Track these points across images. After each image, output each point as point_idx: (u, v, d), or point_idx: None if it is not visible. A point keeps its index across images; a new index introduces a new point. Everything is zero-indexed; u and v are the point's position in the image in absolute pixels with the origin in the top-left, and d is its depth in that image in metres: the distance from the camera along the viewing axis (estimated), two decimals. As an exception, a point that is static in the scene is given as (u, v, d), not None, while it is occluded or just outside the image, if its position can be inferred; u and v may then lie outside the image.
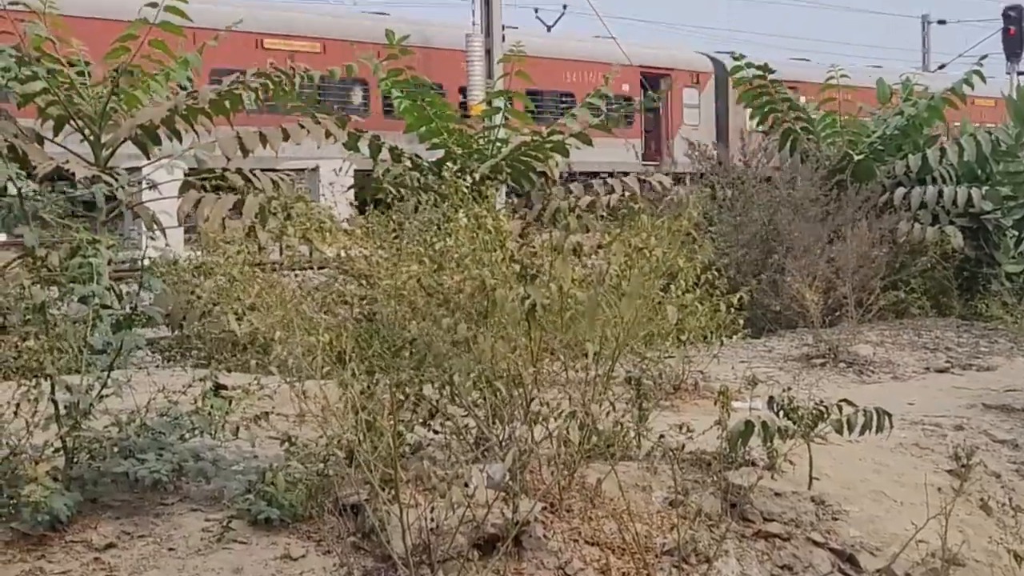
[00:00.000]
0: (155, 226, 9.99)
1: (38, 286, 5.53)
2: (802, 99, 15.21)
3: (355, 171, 13.23)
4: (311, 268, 8.11)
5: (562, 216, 12.03)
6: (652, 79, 30.26)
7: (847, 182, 13.64)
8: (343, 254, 7.22)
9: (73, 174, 9.54)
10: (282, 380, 5.57)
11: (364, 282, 6.83)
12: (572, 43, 30.69)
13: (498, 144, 13.33)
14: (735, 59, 14.69)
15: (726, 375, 8.38)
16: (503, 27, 26.98)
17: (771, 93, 14.62)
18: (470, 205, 6.63)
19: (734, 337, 7.81)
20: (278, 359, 5.56)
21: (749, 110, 15.06)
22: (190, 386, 5.88)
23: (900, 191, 13.84)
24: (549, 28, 40.74)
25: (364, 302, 6.61)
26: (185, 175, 10.81)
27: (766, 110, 14.75)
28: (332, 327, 5.84)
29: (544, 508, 5.52)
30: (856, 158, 14.21)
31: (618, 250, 5.97)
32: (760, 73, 14.56)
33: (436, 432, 5.87)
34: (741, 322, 7.67)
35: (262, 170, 11.15)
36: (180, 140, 10.61)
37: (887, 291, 11.86)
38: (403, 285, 6.11)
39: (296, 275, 7.73)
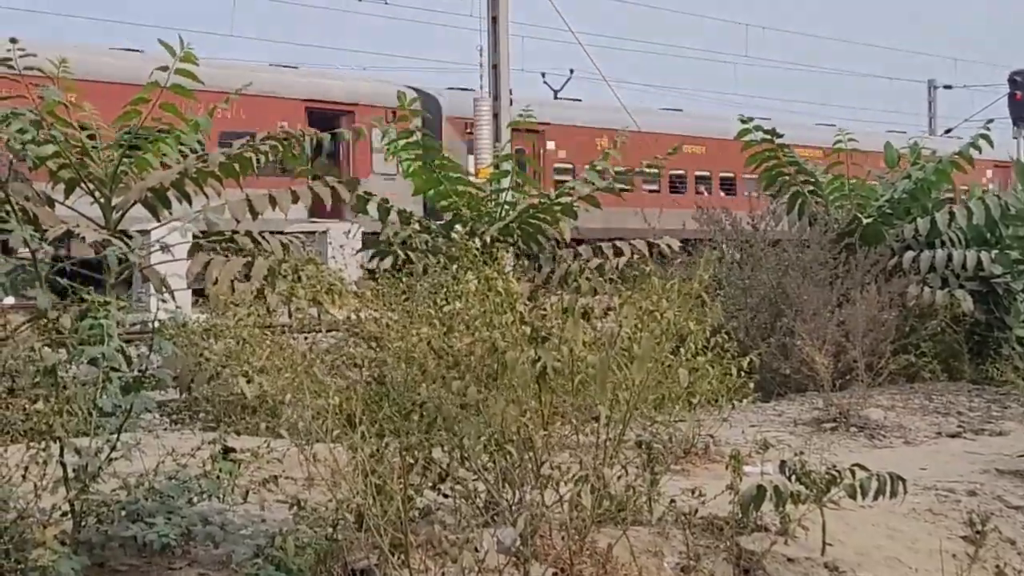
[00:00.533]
0: (164, 288, 10.01)
1: (48, 348, 5.53)
2: None
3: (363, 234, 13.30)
4: (320, 331, 8.11)
5: (572, 278, 12.11)
6: (324, 116, 25.12)
7: (856, 245, 13.65)
8: (353, 316, 7.22)
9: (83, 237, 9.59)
10: (292, 443, 5.54)
11: (374, 344, 6.83)
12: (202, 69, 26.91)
13: (506, 207, 13.40)
14: (743, 121, 14.70)
15: (737, 439, 8.34)
16: (510, 91, 27.21)
17: (779, 157, 14.66)
18: (479, 267, 6.64)
19: (744, 401, 7.78)
20: (288, 422, 5.55)
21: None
22: (199, 449, 5.87)
23: (909, 254, 13.85)
24: (556, 93, 41.00)
25: (374, 365, 6.60)
26: (195, 237, 10.86)
27: (774, 173, 14.79)
28: (342, 390, 5.83)
29: (555, 573, 5.48)
30: (865, 221, 14.23)
31: (629, 313, 5.97)
32: (768, 137, 14.60)
33: (446, 496, 5.83)
34: (751, 385, 7.66)
35: (271, 232, 11.20)
36: (190, 202, 10.68)
37: (897, 355, 11.82)
38: (413, 348, 6.11)
39: (306, 337, 7.74)
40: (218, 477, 5.68)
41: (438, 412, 5.79)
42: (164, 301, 9.21)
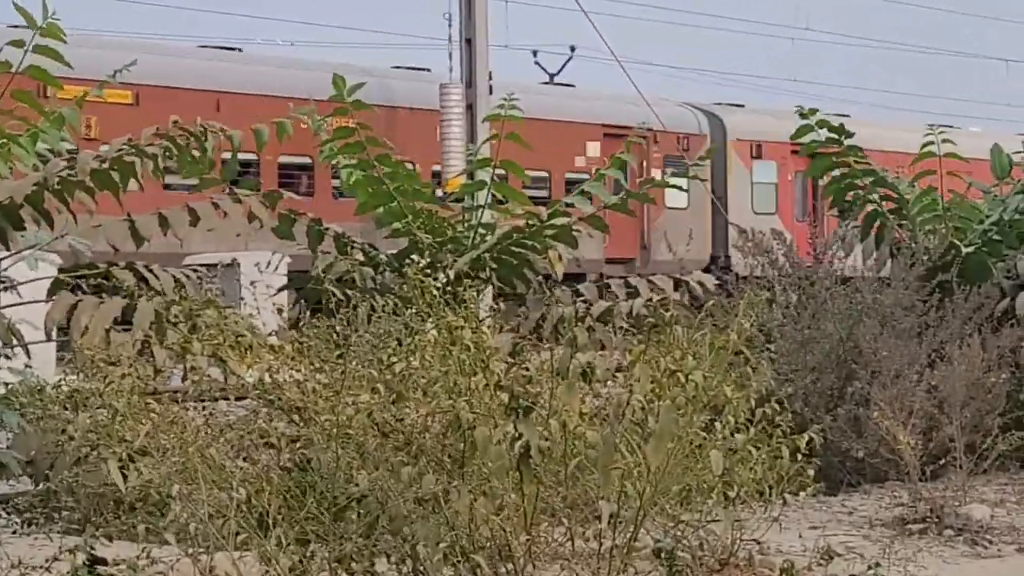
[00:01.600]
0: (13, 340, 9.97)
1: None
2: None
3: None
4: (225, 398, 8.11)
5: (567, 327, 12.10)
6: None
7: (953, 284, 13.68)
8: (267, 379, 7.21)
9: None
10: (181, 552, 5.51)
11: (296, 417, 6.82)
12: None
13: (481, 231, 13.39)
14: (802, 115, 14.69)
15: (791, 545, 8.33)
16: (490, 75, 27.34)
17: (849, 164, 14.67)
18: (442, 312, 6.63)
19: (801, 494, 7.78)
20: (176, 523, 5.52)
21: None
22: (56, 559, 5.84)
23: (1024, 296, 13.89)
24: (552, 76, 41.38)
25: (296, 445, 6.60)
26: (59, 271, 10.83)
27: (843, 185, 14.79)
28: (251, 479, 5.81)
29: None
30: (965, 251, 14.26)
31: (642, 374, 5.96)
32: (834, 136, 14.61)
33: (393, 624, 5.82)
34: (811, 473, 7.66)
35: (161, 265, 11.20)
36: (51, 225, 10.65)
37: (1009, 431, 11.83)
38: (349, 421, 6.10)
39: (203, 407, 7.72)
40: (81, 598, 5.65)
41: (382, 509, 5.78)
42: (11, 358, 9.18)
